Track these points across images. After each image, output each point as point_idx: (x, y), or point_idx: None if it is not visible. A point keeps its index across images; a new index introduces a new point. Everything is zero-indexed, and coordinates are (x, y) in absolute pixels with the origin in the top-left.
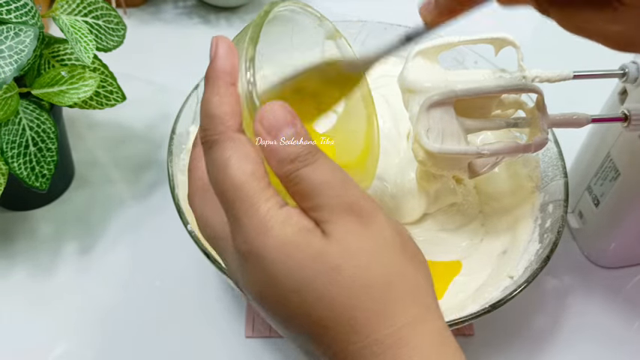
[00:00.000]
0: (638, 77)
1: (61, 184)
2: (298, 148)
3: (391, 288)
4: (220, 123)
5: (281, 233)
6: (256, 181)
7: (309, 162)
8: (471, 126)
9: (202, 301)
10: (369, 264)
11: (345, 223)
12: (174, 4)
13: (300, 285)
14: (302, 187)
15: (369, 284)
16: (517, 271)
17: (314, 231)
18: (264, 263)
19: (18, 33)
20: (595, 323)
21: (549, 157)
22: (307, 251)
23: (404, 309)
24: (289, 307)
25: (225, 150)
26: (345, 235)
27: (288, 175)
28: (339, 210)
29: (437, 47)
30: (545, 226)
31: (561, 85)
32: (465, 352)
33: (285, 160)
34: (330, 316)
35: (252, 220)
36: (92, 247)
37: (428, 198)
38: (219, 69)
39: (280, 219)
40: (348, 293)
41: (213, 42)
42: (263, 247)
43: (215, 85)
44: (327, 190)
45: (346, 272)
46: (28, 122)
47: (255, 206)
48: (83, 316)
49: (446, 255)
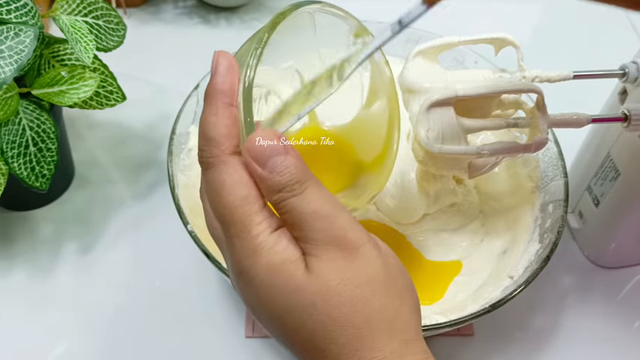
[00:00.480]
0: (638, 77)
1: (61, 184)
2: (286, 177)
3: (368, 325)
4: (215, 146)
5: (268, 259)
6: (249, 205)
7: (296, 192)
8: (471, 126)
9: (202, 301)
10: (345, 303)
11: (328, 258)
12: (174, 4)
13: (281, 312)
14: (289, 216)
15: (343, 323)
16: (517, 271)
17: (297, 263)
18: (253, 284)
19: (18, 33)
20: (595, 323)
21: (549, 157)
22: (289, 283)
23: (380, 345)
24: (275, 325)
25: (219, 174)
26: (326, 273)
27: (276, 203)
28: (323, 244)
29: (437, 47)
30: (545, 226)
31: (561, 85)
32: (464, 351)
33: (272, 190)
34: (305, 345)
35: (243, 242)
36: (92, 247)
37: (428, 198)
38: (217, 88)
39: (269, 245)
40: (323, 329)
41: (215, 58)
42: (251, 270)
43: (213, 105)
44: (313, 223)
45: (322, 310)
46: (28, 122)
47: (246, 229)
48: (83, 316)
49: (446, 255)
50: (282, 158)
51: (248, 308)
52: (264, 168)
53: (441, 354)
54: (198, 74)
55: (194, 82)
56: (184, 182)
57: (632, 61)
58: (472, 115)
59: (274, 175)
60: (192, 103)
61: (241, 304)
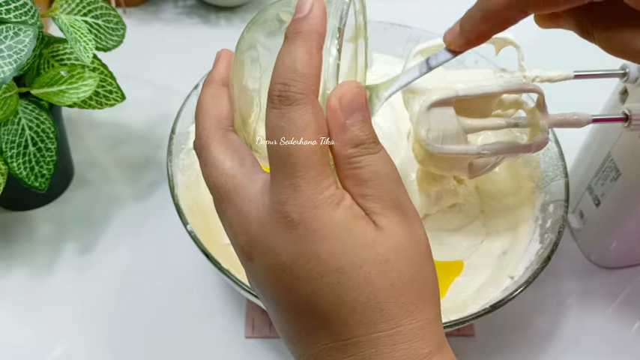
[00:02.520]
0: (638, 77)
1: (60, 184)
2: (366, 133)
3: (424, 289)
4: (307, 83)
5: (338, 213)
6: (324, 155)
7: (372, 151)
8: (472, 126)
9: (202, 301)
10: (413, 263)
11: (394, 218)
12: (174, 3)
13: (345, 267)
14: (361, 172)
15: (408, 284)
16: (517, 272)
17: (367, 220)
18: (314, 236)
19: (17, 33)
20: (595, 323)
21: (550, 157)
22: (361, 238)
23: (428, 309)
24: (321, 284)
25: (306, 113)
26: (396, 232)
27: (349, 157)
28: (389, 205)
29: (437, 47)
30: (546, 226)
31: (562, 85)
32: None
33: (350, 142)
34: (365, 303)
35: (313, 190)
36: (91, 246)
37: (429, 199)
38: (314, 28)
39: (337, 199)
40: (390, 287)
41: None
42: (317, 221)
43: (307, 43)
44: (384, 183)
45: (395, 267)
46: (28, 122)
47: (318, 178)
48: (83, 316)
49: (447, 255)
50: (364, 114)
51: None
52: (348, 119)
53: None
54: (198, 74)
55: (194, 81)
56: (184, 182)
57: None
58: (472, 115)
59: (355, 129)
60: (191, 103)
61: (241, 304)
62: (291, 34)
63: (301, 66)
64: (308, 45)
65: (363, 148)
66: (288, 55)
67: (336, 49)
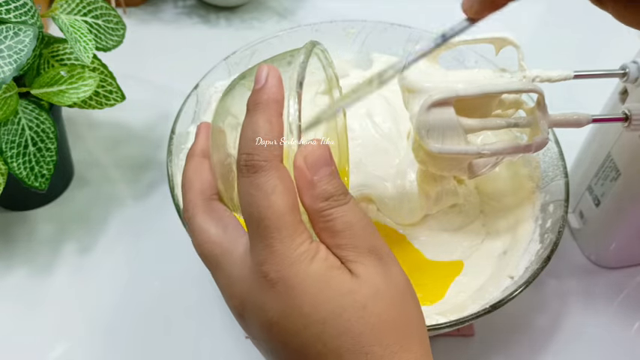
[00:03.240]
0: (638, 77)
1: (60, 184)
2: (334, 186)
3: (408, 328)
4: (270, 150)
5: (314, 267)
6: (295, 214)
7: (342, 202)
8: (471, 126)
9: (202, 301)
10: (393, 305)
11: (369, 264)
12: (173, 3)
13: (326, 317)
14: (333, 224)
15: (391, 325)
16: (517, 272)
17: (342, 269)
18: (294, 292)
19: (17, 32)
20: (595, 324)
21: (550, 157)
22: (338, 287)
23: (415, 347)
24: (307, 335)
25: (271, 178)
26: (372, 277)
27: (320, 211)
28: (365, 252)
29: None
30: (546, 226)
31: (562, 85)
32: (465, 352)
33: (320, 197)
34: (350, 349)
35: (287, 249)
36: (91, 246)
37: (429, 200)
38: (272, 97)
39: (312, 254)
40: (372, 331)
41: (264, 69)
42: (295, 277)
43: (267, 112)
44: (356, 231)
45: (373, 311)
46: (28, 122)
47: (291, 237)
48: (82, 316)
49: (447, 255)
50: (331, 169)
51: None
52: (315, 175)
53: (442, 354)
54: (198, 74)
55: (194, 81)
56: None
57: (633, 61)
58: (472, 115)
59: (324, 184)
60: (191, 103)
61: None
62: (251, 105)
63: (263, 135)
64: (267, 114)
65: (333, 200)
66: (250, 126)
67: (295, 110)
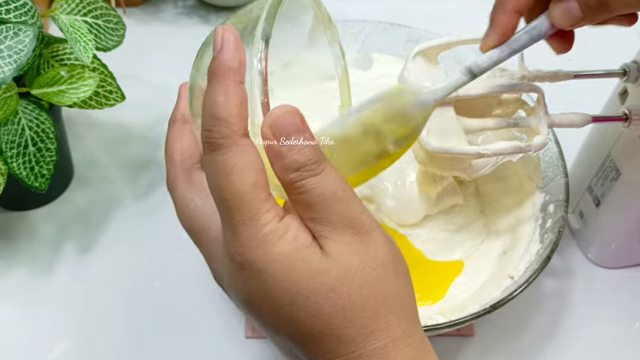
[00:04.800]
0: (638, 77)
1: (60, 184)
2: (305, 155)
3: (384, 306)
4: (226, 126)
5: (280, 248)
6: (258, 192)
7: (315, 172)
8: (471, 126)
9: (202, 301)
10: (365, 285)
11: (344, 241)
12: (173, 3)
13: (295, 300)
14: (306, 197)
15: (363, 305)
16: (517, 272)
17: (312, 247)
18: (260, 276)
19: (17, 33)
20: (595, 324)
21: (550, 157)
22: (305, 269)
23: (394, 325)
24: (279, 317)
25: (229, 156)
26: (343, 256)
27: (291, 182)
28: (341, 226)
29: (437, 47)
30: (546, 226)
31: (561, 85)
32: (465, 352)
33: (290, 168)
34: (321, 330)
35: (250, 231)
36: (91, 246)
37: (429, 201)
38: (226, 65)
39: (279, 233)
40: (342, 313)
41: (218, 32)
42: (260, 260)
43: (222, 84)
44: (330, 204)
45: (342, 293)
46: (28, 122)
47: (254, 218)
48: (83, 316)
49: (447, 255)
50: (302, 135)
51: (239, 303)
52: (283, 144)
53: (441, 354)
54: None
55: None
56: None
57: (633, 61)
58: (472, 115)
59: (293, 153)
60: None
61: None
62: (209, 75)
63: (218, 110)
64: (224, 85)
65: (304, 171)
66: (207, 100)
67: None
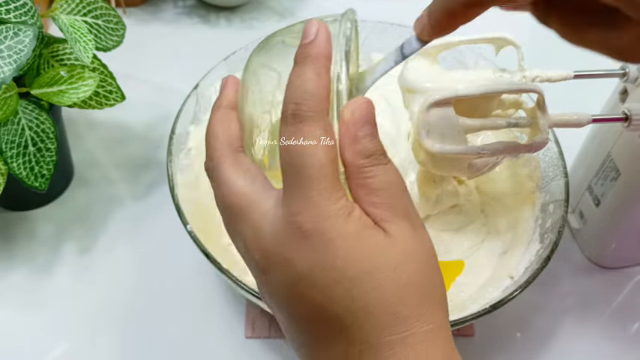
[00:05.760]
0: (638, 77)
1: (60, 184)
2: (376, 146)
3: (433, 293)
4: (318, 102)
5: (350, 224)
6: (335, 168)
7: (382, 162)
8: (471, 126)
9: (202, 301)
10: (421, 269)
11: (403, 226)
12: (173, 3)
13: (358, 274)
14: (372, 181)
15: (418, 288)
16: (517, 272)
17: (377, 229)
18: (328, 246)
19: (17, 33)
20: (595, 324)
21: (550, 157)
22: (372, 246)
23: (436, 313)
24: (336, 291)
25: (318, 129)
26: (404, 238)
27: (361, 167)
28: (399, 213)
29: (437, 47)
30: (546, 226)
31: (562, 85)
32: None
33: (362, 153)
34: (378, 305)
35: (326, 202)
36: (91, 247)
37: (429, 201)
38: (321, 51)
39: (348, 210)
40: (401, 291)
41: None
42: (331, 231)
43: (316, 65)
44: (394, 192)
45: (404, 272)
46: (28, 122)
47: (331, 190)
48: (83, 316)
49: (448, 255)
50: (375, 129)
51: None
52: (360, 131)
53: None
54: (198, 74)
55: (194, 81)
56: (184, 182)
57: None
58: (472, 115)
59: (367, 141)
60: (191, 103)
61: (241, 304)
62: (300, 58)
63: (311, 87)
64: (317, 67)
65: (374, 158)
66: (298, 78)
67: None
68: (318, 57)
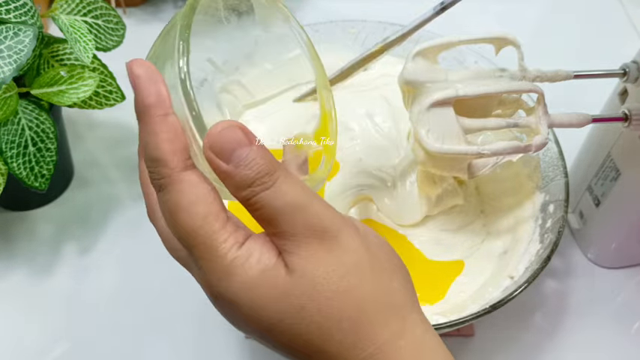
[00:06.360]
0: (638, 77)
1: (60, 184)
2: (254, 171)
3: (362, 313)
4: (163, 166)
5: (243, 276)
6: (210, 223)
7: (267, 185)
8: (471, 126)
9: (202, 301)
10: (335, 297)
11: (307, 253)
12: (173, 3)
13: (271, 325)
14: (262, 212)
15: (337, 318)
16: (517, 272)
17: (276, 268)
18: (232, 306)
19: (17, 33)
20: (595, 324)
21: (550, 157)
22: (272, 293)
23: (378, 331)
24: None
25: (173, 195)
26: (309, 270)
27: (246, 200)
28: (303, 237)
29: (437, 47)
30: (546, 226)
31: (561, 85)
32: (465, 352)
33: (241, 186)
34: (304, 349)
35: (212, 264)
36: (91, 247)
37: (429, 202)
38: (145, 104)
39: (241, 260)
40: (317, 329)
41: (128, 69)
42: (227, 292)
43: (148, 123)
44: (289, 216)
45: (313, 310)
46: (28, 122)
47: (213, 250)
48: (83, 316)
49: (447, 255)
50: (247, 150)
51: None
52: (229, 162)
53: None
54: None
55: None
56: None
57: (633, 61)
58: (472, 115)
59: (241, 170)
60: None
61: None
62: (137, 116)
63: (150, 151)
64: (149, 125)
65: (255, 186)
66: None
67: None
68: (145, 112)
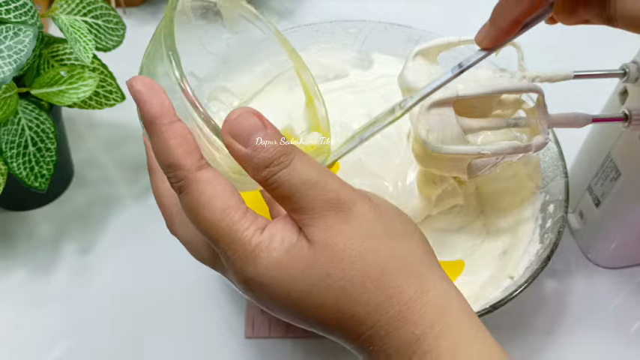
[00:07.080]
0: (638, 77)
1: (60, 184)
2: (271, 152)
3: (383, 274)
4: (179, 169)
5: (269, 258)
6: (230, 215)
7: (284, 164)
8: (471, 126)
9: (202, 301)
10: (357, 260)
11: (328, 225)
12: None
13: (299, 299)
14: (281, 190)
15: (361, 280)
16: (517, 272)
17: (299, 243)
18: (262, 288)
19: (17, 33)
20: (595, 324)
21: (550, 157)
22: (297, 266)
23: (404, 288)
24: (303, 316)
25: (191, 194)
26: (328, 239)
27: (265, 180)
28: (321, 211)
29: (437, 47)
30: (546, 226)
31: (561, 85)
32: None
33: (260, 167)
34: (335, 317)
35: (237, 253)
36: (91, 247)
37: (429, 202)
38: (150, 115)
39: (265, 244)
40: (344, 294)
41: (128, 87)
42: (256, 275)
43: (156, 134)
44: (306, 192)
45: (337, 276)
46: (28, 122)
47: (236, 239)
48: (82, 316)
49: (448, 255)
50: (262, 133)
51: (270, 312)
52: (247, 146)
53: None
54: None
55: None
56: None
57: (633, 61)
58: (472, 115)
59: (259, 152)
60: None
61: (241, 304)
62: (145, 127)
63: (164, 158)
64: (158, 135)
65: (273, 166)
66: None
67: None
68: (152, 121)
